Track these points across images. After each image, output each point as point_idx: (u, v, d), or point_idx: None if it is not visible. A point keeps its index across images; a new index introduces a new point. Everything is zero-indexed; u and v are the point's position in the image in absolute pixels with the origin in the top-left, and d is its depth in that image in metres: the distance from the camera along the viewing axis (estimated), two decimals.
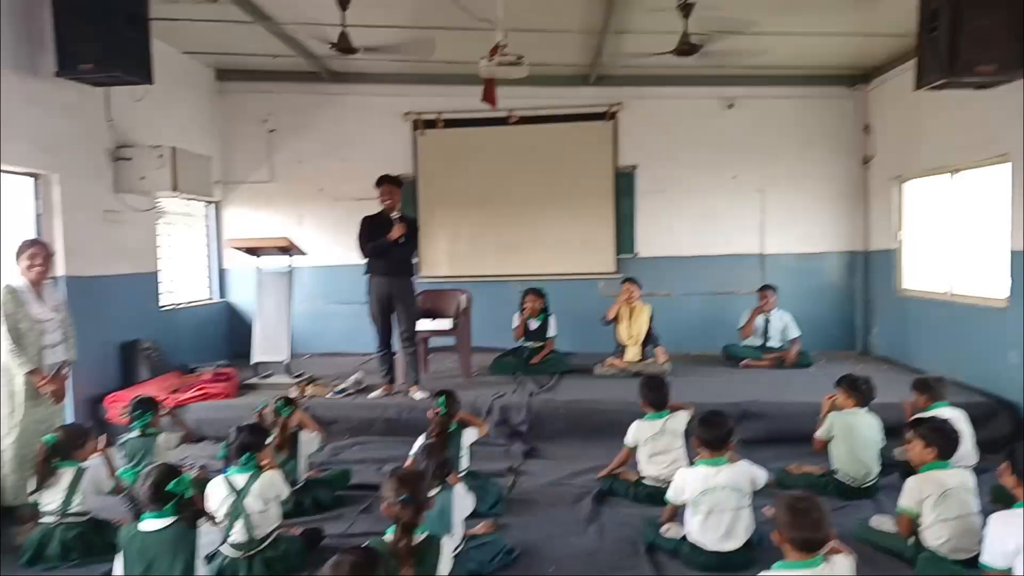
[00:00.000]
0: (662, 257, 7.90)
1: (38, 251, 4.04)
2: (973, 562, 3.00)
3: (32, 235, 5.13)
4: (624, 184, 7.89)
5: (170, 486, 2.76)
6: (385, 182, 5.69)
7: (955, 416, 3.99)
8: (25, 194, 5.27)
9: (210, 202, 7.94)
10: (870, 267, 7.67)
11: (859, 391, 4.22)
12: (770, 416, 5.26)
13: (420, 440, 3.83)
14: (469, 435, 4.20)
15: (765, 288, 6.99)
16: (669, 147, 7.83)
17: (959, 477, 3.29)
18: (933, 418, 3.60)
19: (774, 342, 6.94)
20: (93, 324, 5.43)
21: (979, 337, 5.62)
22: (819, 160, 7.78)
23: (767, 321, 6.96)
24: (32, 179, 5.29)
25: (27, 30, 4.98)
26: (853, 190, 7.77)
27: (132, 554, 2.73)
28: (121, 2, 4.90)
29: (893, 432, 4.41)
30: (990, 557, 2.78)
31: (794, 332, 6.90)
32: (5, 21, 4.80)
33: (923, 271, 6.76)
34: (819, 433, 4.25)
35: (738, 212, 7.86)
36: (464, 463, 4.13)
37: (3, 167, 4.88)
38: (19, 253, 4.03)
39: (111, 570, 2.90)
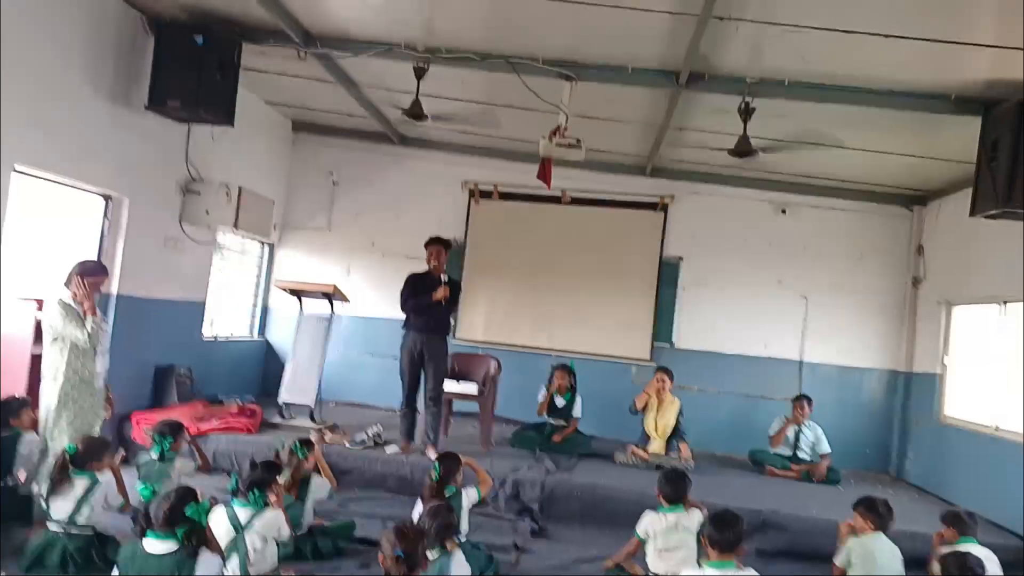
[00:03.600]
0: (699, 351, 7.83)
1: (97, 278, 4.25)
2: None
3: (94, 254, 5.40)
4: (668, 274, 7.93)
5: (188, 510, 2.80)
6: (434, 243, 5.84)
7: (984, 555, 3.78)
8: (94, 213, 5.59)
9: (265, 243, 8.26)
10: (912, 389, 7.45)
11: (877, 514, 4.03)
12: (790, 529, 5.06)
13: (418, 503, 3.80)
14: (469, 498, 4.15)
15: (801, 398, 6.84)
16: (717, 243, 7.88)
17: None
18: (961, 552, 3.42)
19: (803, 454, 6.73)
20: (135, 343, 5.63)
21: (1021, 477, 5.35)
22: (868, 274, 7.71)
23: (799, 432, 6.77)
24: (104, 200, 5.62)
25: (128, 64, 5.40)
26: (900, 309, 7.64)
27: (129, 573, 2.74)
28: (217, 50, 5.29)
29: (919, 564, 4.22)
30: None
31: (825, 448, 6.69)
32: (111, 55, 5.24)
33: (968, 400, 6.53)
34: (838, 560, 4.05)
35: (780, 316, 7.79)
36: (463, 528, 4.07)
37: (81, 185, 5.22)
38: (80, 273, 4.21)
39: None
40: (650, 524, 4.08)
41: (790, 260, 7.79)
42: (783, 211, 7.79)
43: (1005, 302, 5.98)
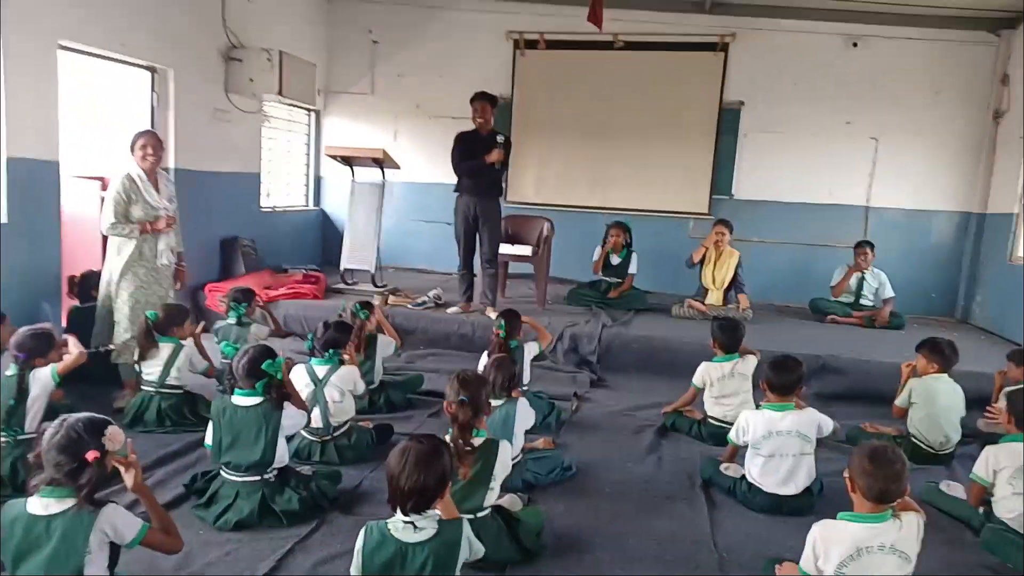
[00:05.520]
0: (760, 201, 7.60)
1: (149, 140, 4.24)
2: None
3: (146, 127, 5.43)
4: (728, 121, 7.56)
5: (264, 365, 2.96)
6: (479, 99, 5.65)
7: None
8: (143, 87, 5.57)
9: (311, 110, 8.16)
10: (984, 230, 7.12)
11: (942, 355, 3.98)
12: (850, 372, 5.08)
13: (483, 358, 3.93)
14: (530, 350, 4.27)
15: (863, 244, 6.63)
16: (780, 85, 7.41)
17: None
18: None
19: (866, 300, 6.63)
20: (198, 217, 5.77)
21: None
22: (945, 110, 7.19)
23: (862, 279, 6.63)
24: (150, 73, 5.57)
25: None
26: (978, 146, 7.17)
27: (222, 424, 2.96)
28: None
29: (981, 403, 4.22)
30: None
31: (888, 292, 6.55)
32: None
33: None
34: (899, 401, 4.07)
35: (847, 160, 7.42)
36: (526, 378, 4.22)
37: (125, 58, 5.17)
38: (134, 143, 4.23)
39: (201, 438, 3.17)
40: (706, 373, 4.16)
41: (860, 100, 7.29)
42: (854, 44, 7.20)
43: None
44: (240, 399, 2.98)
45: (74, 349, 3.27)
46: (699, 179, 7.68)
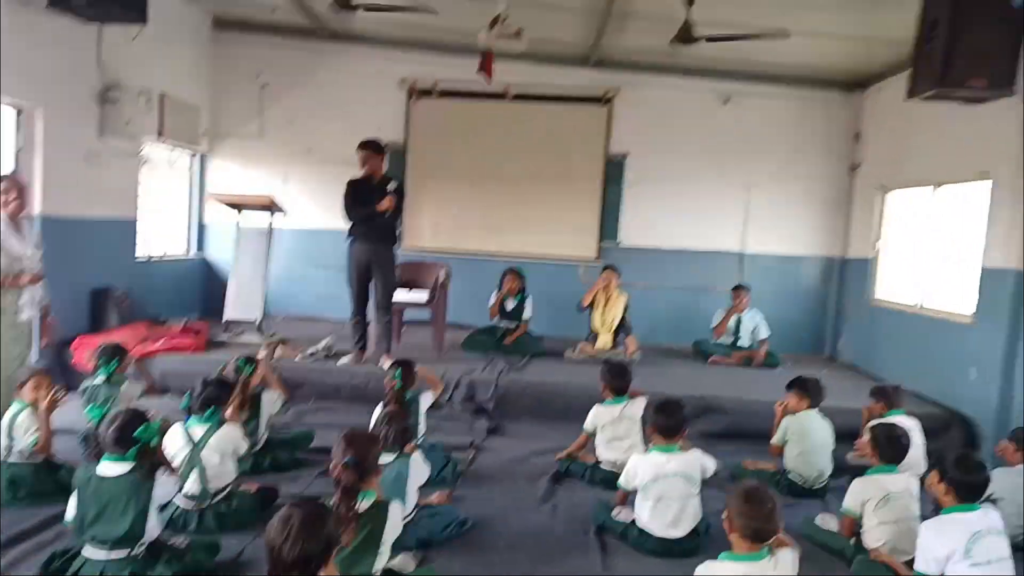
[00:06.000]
0: (644, 248, 7.94)
1: (13, 184, 3.96)
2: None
3: (9, 169, 5.06)
4: (614, 172, 7.90)
5: (137, 431, 2.75)
6: (363, 148, 5.57)
7: (909, 425, 4.08)
8: (7, 127, 5.20)
9: (195, 152, 7.86)
10: (846, 274, 7.76)
11: (809, 392, 4.29)
12: (731, 412, 5.34)
13: (378, 409, 3.85)
14: (425, 401, 4.23)
15: (739, 288, 7.05)
16: (661, 137, 7.84)
17: (903, 483, 3.36)
18: (888, 423, 3.66)
19: (744, 341, 7.02)
20: (66, 267, 5.39)
21: (943, 351, 5.71)
22: (808, 163, 7.83)
23: (739, 320, 7.03)
24: (15, 113, 5.21)
25: None
26: (838, 196, 7.83)
27: (86, 496, 2.72)
28: None
29: (850, 437, 4.52)
30: (923, 565, 2.86)
31: (764, 333, 6.98)
32: None
33: (896, 282, 6.86)
34: (775, 439, 4.30)
35: (723, 208, 7.91)
36: (421, 430, 4.16)
37: None
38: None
39: (62, 512, 2.90)
40: (597, 417, 4.25)
41: (733, 152, 7.82)
42: (726, 101, 7.75)
43: (938, 185, 6.16)
44: (108, 466, 2.76)
45: None
46: (588, 226, 7.95)
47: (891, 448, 3.41)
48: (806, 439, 4.18)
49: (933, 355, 5.85)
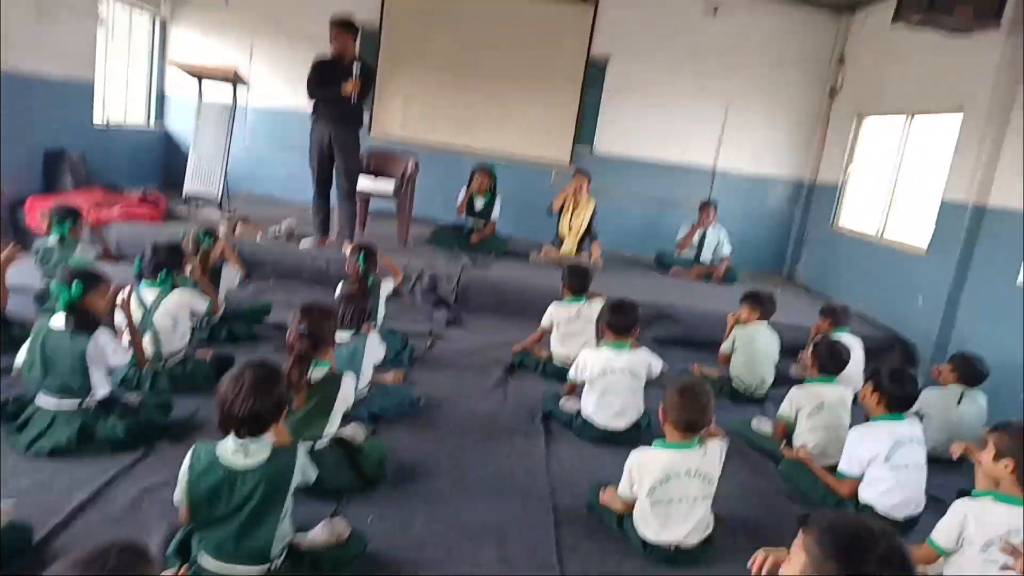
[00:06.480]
0: (618, 156, 7.87)
1: None
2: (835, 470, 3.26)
3: None
4: (594, 75, 7.72)
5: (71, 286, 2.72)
6: (336, 27, 5.31)
7: (852, 342, 4.24)
8: None
9: (156, 16, 7.42)
10: (812, 199, 7.84)
11: (762, 305, 4.41)
12: (684, 320, 5.47)
13: (340, 286, 3.85)
14: (386, 287, 4.24)
15: (706, 204, 7.07)
16: (645, 44, 7.63)
17: (838, 393, 3.52)
18: (831, 339, 3.80)
19: (706, 256, 7.10)
20: (18, 125, 5.15)
21: (895, 280, 5.88)
22: (789, 83, 7.74)
23: (703, 236, 7.09)
24: None
25: None
26: (813, 120, 7.80)
27: (35, 345, 2.72)
28: None
29: (796, 353, 4.71)
30: (846, 464, 3.04)
31: (726, 250, 7.06)
32: None
33: (860, 211, 6.96)
34: (723, 347, 4.45)
35: (700, 123, 7.83)
36: (380, 314, 4.19)
37: None
38: None
39: (11, 363, 2.90)
40: (554, 313, 4.33)
41: (716, 66, 7.68)
42: (715, 10, 7.53)
43: (912, 114, 6.17)
44: (57, 319, 2.75)
45: None
46: (563, 129, 7.83)
47: (831, 361, 3.55)
48: (752, 348, 4.33)
49: (885, 282, 6.03)
